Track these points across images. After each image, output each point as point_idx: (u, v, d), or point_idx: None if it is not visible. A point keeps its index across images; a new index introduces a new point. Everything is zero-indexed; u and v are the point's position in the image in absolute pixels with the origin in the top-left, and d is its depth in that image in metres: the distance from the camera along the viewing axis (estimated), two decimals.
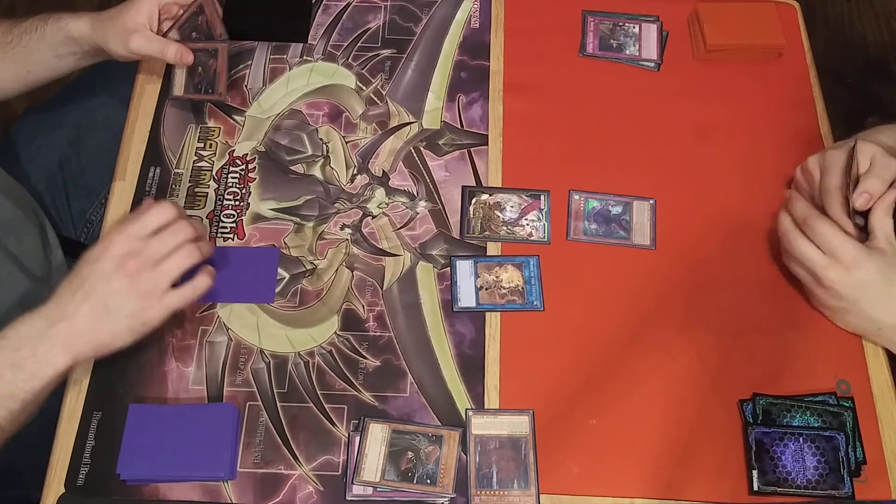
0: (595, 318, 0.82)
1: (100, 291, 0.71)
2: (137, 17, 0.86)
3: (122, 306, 0.71)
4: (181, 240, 0.74)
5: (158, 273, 0.72)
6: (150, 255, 0.72)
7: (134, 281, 0.71)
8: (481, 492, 0.73)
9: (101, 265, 0.71)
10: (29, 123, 1.05)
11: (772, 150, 0.91)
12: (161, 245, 0.73)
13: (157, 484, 0.73)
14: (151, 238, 0.73)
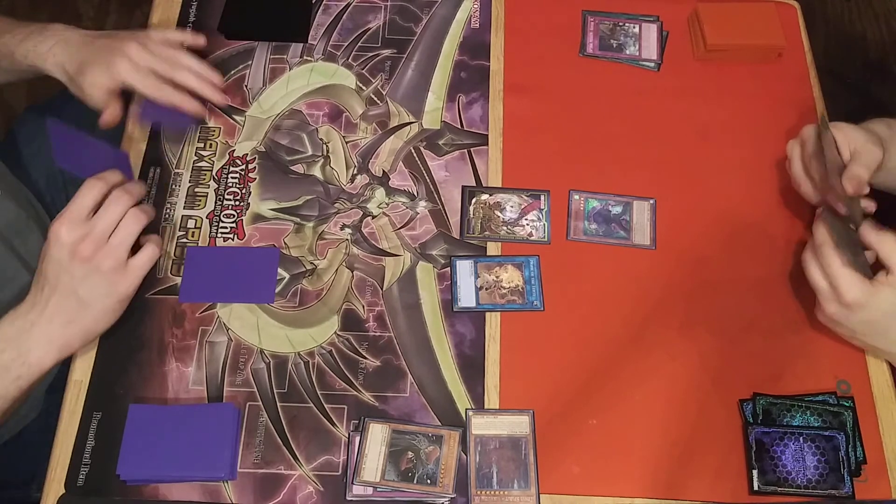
0: (595, 318, 0.82)
1: (64, 282, 0.71)
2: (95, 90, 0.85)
3: (91, 290, 0.72)
4: (122, 209, 0.74)
5: (113, 247, 0.73)
6: (98, 233, 0.72)
7: (93, 262, 0.72)
8: (481, 492, 0.73)
9: (56, 257, 0.71)
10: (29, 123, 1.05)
11: (772, 149, 0.91)
12: (105, 220, 0.73)
13: (157, 484, 0.73)
14: (95, 217, 0.73)
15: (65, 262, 0.71)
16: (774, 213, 0.88)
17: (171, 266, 0.83)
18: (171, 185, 0.88)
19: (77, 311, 0.72)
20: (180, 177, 0.89)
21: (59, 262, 0.71)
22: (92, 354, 0.79)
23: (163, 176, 0.89)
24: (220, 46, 0.97)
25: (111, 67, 0.84)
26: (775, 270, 0.85)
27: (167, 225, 0.86)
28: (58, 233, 0.71)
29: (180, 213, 0.87)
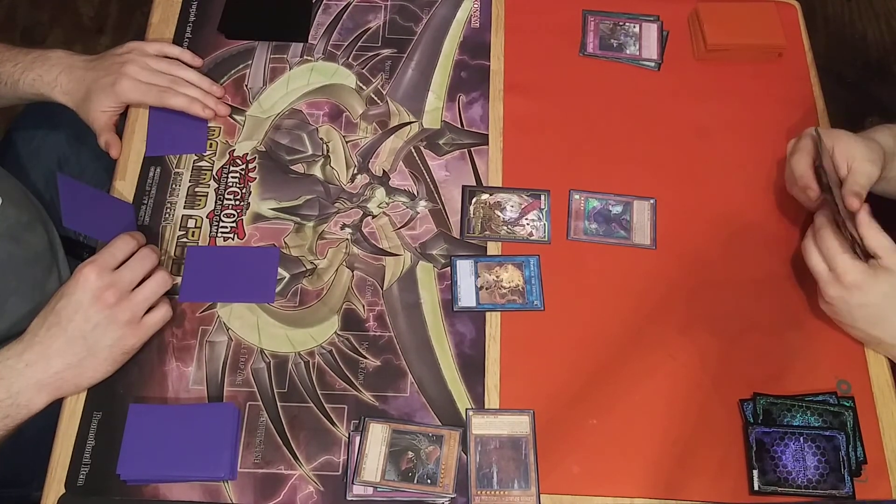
0: (595, 317, 0.82)
1: (77, 326, 0.72)
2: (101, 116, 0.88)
3: (100, 338, 0.72)
4: (148, 267, 0.77)
5: (135, 301, 0.74)
6: (124, 285, 0.74)
7: (113, 311, 0.73)
8: (482, 492, 0.73)
9: (78, 298, 0.72)
10: (28, 123, 1.05)
11: (772, 149, 0.91)
12: (132, 273, 0.75)
13: (158, 484, 0.73)
14: (122, 268, 0.75)
15: (84, 305, 0.72)
16: (774, 213, 0.88)
17: (171, 266, 0.83)
18: (171, 185, 0.88)
19: (80, 356, 0.72)
20: (180, 176, 0.89)
21: (79, 303, 0.72)
22: None
23: (163, 175, 0.89)
24: (221, 46, 0.97)
25: (115, 90, 0.87)
26: (775, 270, 0.85)
27: (167, 225, 0.86)
28: (87, 276, 0.72)
29: (180, 212, 0.87)
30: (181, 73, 0.91)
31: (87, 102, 0.87)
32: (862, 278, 0.73)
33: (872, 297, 0.74)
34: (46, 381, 0.71)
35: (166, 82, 0.89)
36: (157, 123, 0.91)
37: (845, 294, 0.74)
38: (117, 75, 0.87)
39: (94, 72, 0.89)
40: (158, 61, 0.90)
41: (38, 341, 0.71)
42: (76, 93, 0.88)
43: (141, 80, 0.88)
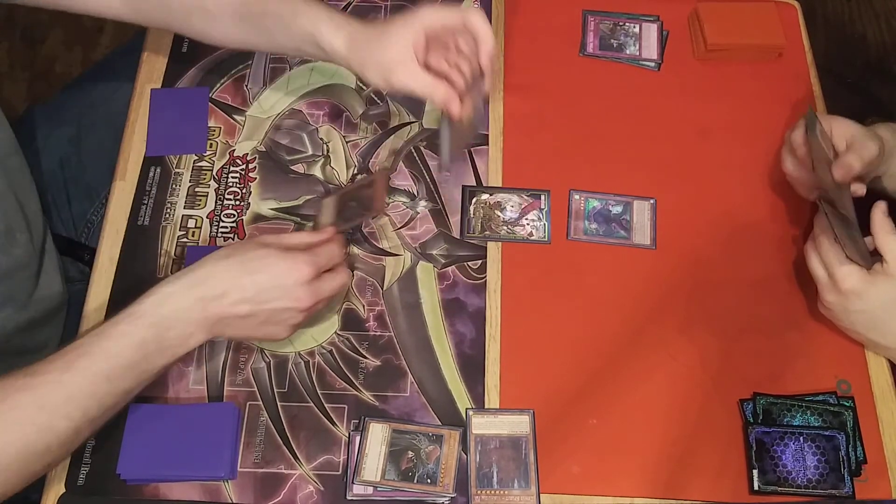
0: (595, 317, 0.82)
1: (268, 308, 0.70)
2: (399, 47, 0.74)
3: (274, 326, 0.72)
4: (339, 287, 0.74)
5: (311, 313, 0.73)
6: (320, 297, 0.72)
7: (299, 315, 0.72)
8: (482, 491, 0.73)
9: (286, 286, 0.70)
10: (29, 123, 1.05)
11: (772, 149, 0.91)
12: (328, 287, 0.73)
13: (158, 484, 0.73)
14: (325, 280, 0.73)
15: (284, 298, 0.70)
16: (774, 213, 0.88)
17: (171, 266, 0.83)
18: (171, 185, 0.88)
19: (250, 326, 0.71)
20: (181, 176, 0.89)
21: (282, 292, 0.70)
22: None
23: (163, 175, 0.89)
24: (221, 46, 0.96)
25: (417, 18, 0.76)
26: (775, 270, 0.85)
27: (167, 225, 0.86)
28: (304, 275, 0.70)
29: (180, 212, 0.87)
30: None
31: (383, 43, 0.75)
32: (860, 286, 0.73)
33: (870, 304, 0.73)
34: (216, 329, 0.70)
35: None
36: (157, 123, 0.91)
37: (843, 300, 0.74)
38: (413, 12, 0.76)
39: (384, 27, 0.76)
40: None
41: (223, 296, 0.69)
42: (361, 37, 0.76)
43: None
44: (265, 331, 0.72)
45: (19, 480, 0.63)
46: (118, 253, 0.84)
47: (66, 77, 1.00)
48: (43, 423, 0.63)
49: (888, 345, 0.76)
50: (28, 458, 0.63)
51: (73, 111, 1.04)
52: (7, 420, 0.62)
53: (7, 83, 1.77)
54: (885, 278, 0.72)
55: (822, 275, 0.76)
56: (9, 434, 0.62)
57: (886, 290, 0.72)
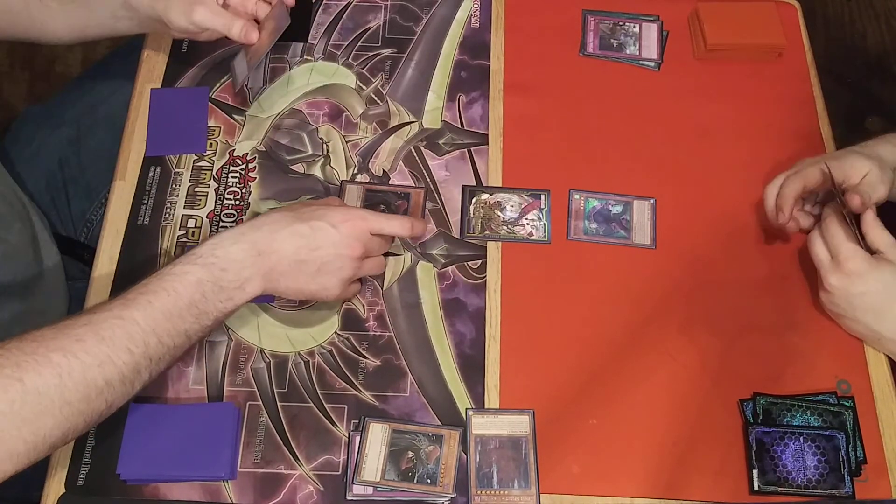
0: (595, 317, 0.82)
1: (322, 254, 0.72)
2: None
3: (327, 277, 0.73)
4: (384, 252, 0.79)
5: (361, 267, 0.76)
6: (370, 251, 0.76)
7: (351, 265, 0.74)
8: (481, 491, 0.73)
9: (340, 231, 0.73)
10: (29, 123, 1.05)
11: (772, 149, 0.91)
12: (378, 246, 0.77)
13: (158, 484, 0.73)
14: (378, 238, 0.76)
15: (335, 244, 0.72)
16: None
17: None
18: (171, 185, 0.88)
19: (303, 277, 0.73)
20: (180, 176, 0.89)
21: (332, 239, 0.72)
22: None
23: (163, 175, 0.89)
24: (221, 45, 0.96)
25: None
26: (775, 270, 0.85)
27: (167, 225, 0.86)
28: (361, 225, 0.74)
29: (180, 212, 0.86)
30: None
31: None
32: (864, 266, 0.73)
33: (873, 286, 0.74)
34: (271, 276, 0.71)
35: None
36: (157, 123, 0.91)
37: (846, 281, 0.75)
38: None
39: None
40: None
41: (277, 240, 0.71)
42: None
43: None
44: (318, 282, 0.73)
45: (81, 419, 0.63)
46: (118, 252, 0.84)
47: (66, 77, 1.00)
48: (103, 356, 0.63)
49: (888, 334, 0.76)
50: (88, 392, 0.62)
51: (73, 111, 1.04)
52: (69, 350, 0.62)
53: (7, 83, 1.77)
54: (888, 263, 0.73)
55: (825, 257, 0.76)
56: (71, 364, 0.62)
57: (889, 273, 0.73)
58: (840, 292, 0.76)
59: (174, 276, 0.68)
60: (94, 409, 0.64)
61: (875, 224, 0.75)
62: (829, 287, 0.76)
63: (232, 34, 0.83)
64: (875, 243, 0.74)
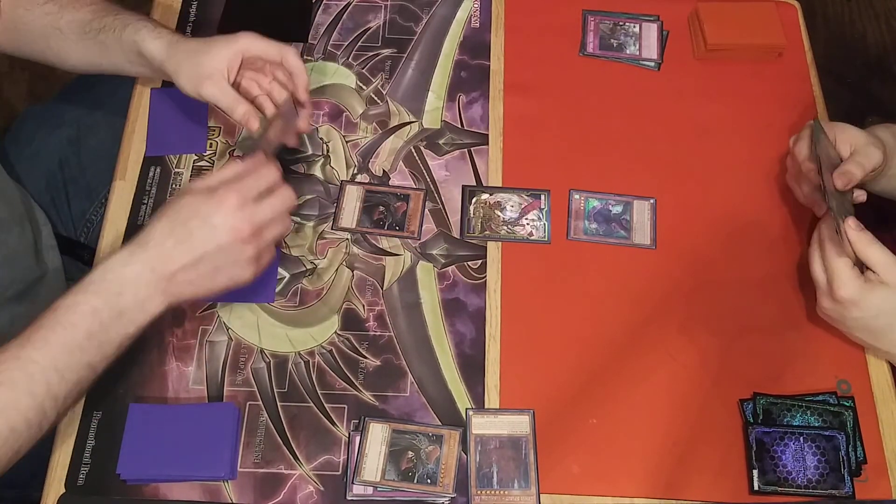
0: (595, 317, 0.82)
1: (210, 251, 0.69)
2: (215, 62, 0.81)
3: (224, 269, 0.70)
4: (285, 208, 0.73)
5: (263, 240, 0.71)
6: (259, 223, 0.70)
7: (243, 246, 0.69)
8: (482, 491, 0.73)
9: (215, 224, 0.68)
10: (29, 123, 1.05)
11: (772, 149, 0.91)
12: (268, 211, 0.71)
13: (158, 484, 0.73)
14: (263, 204, 0.71)
15: (220, 232, 0.68)
16: (775, 213, 0.88)
17: None
18: (171, 185, 0.88)
19: (201, 278, 0.69)
20: (180, 176, 0.89)
21: (215, 229, 0.68)
22: None
23: (163, 175, 0.89)
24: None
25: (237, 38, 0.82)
26: (776, 270, 0.85)
27: None
28: (230, 205, 0.69)
29: None
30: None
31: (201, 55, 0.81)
32: (857, 295, 0.72)
33: (867, 313, 0.73)
34: (171, 290, 0.69)
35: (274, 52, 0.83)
36: (157, 123, 0.91)
37: (840, 308, 0.74)
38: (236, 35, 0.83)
39: (203, 40, 0.83)
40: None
41: (164, 251, 0.68)
42: (182, 46, 0.82)
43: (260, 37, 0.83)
44: (226, 276, 0.70)
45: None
46: None
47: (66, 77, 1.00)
48: (5, 401, 0.62)
49: (887, 349, 0.76)
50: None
51: (73, 111, 1.04)
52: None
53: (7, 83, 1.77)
54: (882, 287, 0.72)
55: (821, 279, 0.75)
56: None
57: (883, 298, 0.72)
58: (834, 314, 0.75)
59: (68, 308, 0.66)
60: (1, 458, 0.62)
61: (863, 240, 0.72)
62: (824, 309, 0.76)
63: (235, 116, 0.82)
64: (868, 262, 0.72)
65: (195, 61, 0.81)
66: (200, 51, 0.82)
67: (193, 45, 0.82)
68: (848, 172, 0.75)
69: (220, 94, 0.81)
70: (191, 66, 0.81)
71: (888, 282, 0.71)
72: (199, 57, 0.81)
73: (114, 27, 0.84)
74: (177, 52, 0.82)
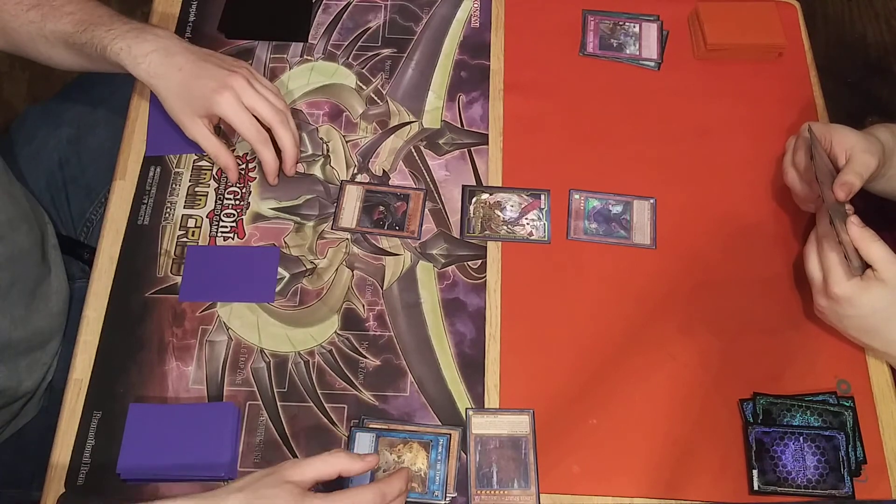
0: (595, 317, 0.82)
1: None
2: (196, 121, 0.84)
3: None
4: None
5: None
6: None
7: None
8: (481, 491, 0.73)
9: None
10: (29, 123, 1.05)
11: (772, 149, 0.91)
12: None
13: (158, 483, 0.73)
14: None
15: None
16: (775, 213, 0.88)
17: (171, 265, 0.83)
18: (171, 185, 0.88)
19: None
20: (180, 176, 0.89)
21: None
22: (92, 353, 0.79)
23: (163, 175, 0.89)
24: (221, 46, 0.96)
25: (213, 98, 0.81)
26: (775, 270, 0.85)
27: (167, 224, 0.86)
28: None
29: (180, 212, 0.87)
30: (288, 115, 0.86)
31: (179, 100, 0.82)
32: (852, 292, 0.72)
33: (861, 310, 0.73)
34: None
35: (270, 114, 0.83)
36: (157, 123, 0.91)
37: (835, 306, 0.74)
38: (220, 84, 0.81)
39: (195, 66, 0.82)
40: (265, 88, 0.85)
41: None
42: (166, 80, 0.82)
43: (243, 100, 0.82)
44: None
45: None
46: (118, 252, 0.84)
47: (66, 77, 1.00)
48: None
49: (884, 349, 0.76)
50: None
51: (73, 111, 1.04)
52: None
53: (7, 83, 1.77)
54: (878, 284, 0.71)
55: (817, 277, 0.75)
56: None
57: (879, 296, 0.72)
58: (830, 313, 0.76)
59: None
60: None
61: (865, 237, 0.72)
62: (820, 307, 0.76)
63: (218, 163, 0.87)
64: (868, 258, 0.72)
65: (185, 101, 0.83)
66: (193, 92, 0.82)
67: (190, 83, 0.82)
68: (848, 183, 0.75)
69: (204, 140, 0.84)
70: (181, 104, 0.83)
71: (885, 279, 0.71)
72: (189, 98, 0.82)
73: (94, 45, 0.83)
74: (169, 88, 0.82)
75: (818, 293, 0.75)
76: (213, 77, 0.82)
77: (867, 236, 0.72)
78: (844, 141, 0.78)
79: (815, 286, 0.76)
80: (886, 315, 0.73)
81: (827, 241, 0.74)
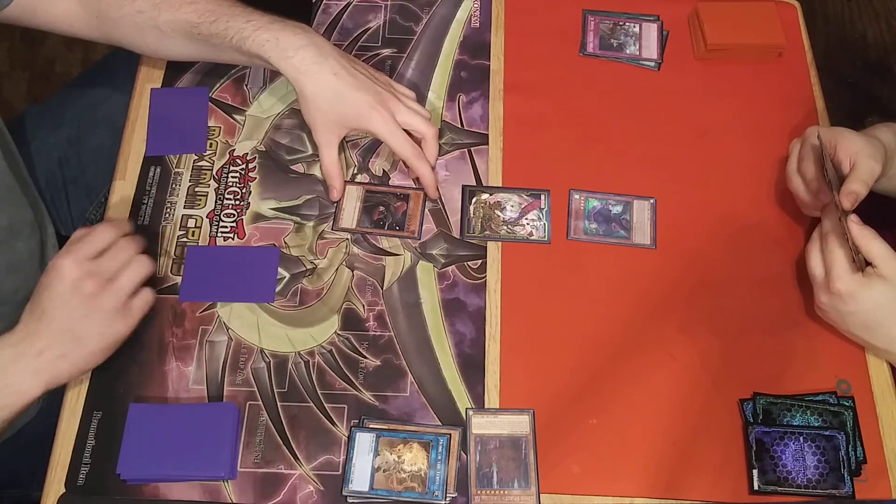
0: (595, 317, 0.82)
1: (63, 317, 0.71)
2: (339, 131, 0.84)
3: (88, 328, 0.72)
4: (128, 255, 0.75)
5: (116, 288, 0.73)
6: (103, 274, 0.73)
7: (95, 301, 0.72)
8: (481, 491, 0.73)
9: (57, 290, 0.71)
10: (29, 122, 1.05)
11: (772, 149, 0.91)
12: (111, 262, 0.74)
13: (158, 483, 0.73)
14: (100, 258, 0.73)
15: (65, 295, 0.71)
16: (775, 213, 0.88)
17: (171, 265, 0.83)
18: (171, 185, 0.88)
19: (71, 347, 0.71)
20: (180, 176, 0.89)
21: (60, 294, 0.71)
22: None
23: (163, 175, 0.89)
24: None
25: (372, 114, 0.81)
26: (776, 270, 0.85)
27: (167, 224, 0.86)
28: (61, 267, 0.71)
29: (180, 212, 0.87)
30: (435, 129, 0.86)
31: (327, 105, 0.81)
32: (853, 287, 0.72)
33: (864, 306, 0.73)
34: (41, 369, 0.70)
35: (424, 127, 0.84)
36: (157, 123, 0.91)
37: (836, 301, 0.74)
38: (377, 100, 0.81)
39: (349, 75, 0.81)
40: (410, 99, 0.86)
41: (29, 332, 0.71)
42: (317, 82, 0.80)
43: (397, 117, 0.82)
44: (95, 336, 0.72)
45: None
46: None
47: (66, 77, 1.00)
48: None
49: (885, 347, 0.76)
50: None
51: (73, 111, 1.04)
52: None
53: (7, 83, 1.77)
54: (879, 280, 0.72)
55: (818, 274, 0.76)
56: None
57: (880, 292, 0.72)
58: (831, 310, 0.76)
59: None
60: None
61: (865, 234, 0.72)
62: (821, 304, 0.76)
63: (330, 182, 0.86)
64: (868, 255, 0.72)
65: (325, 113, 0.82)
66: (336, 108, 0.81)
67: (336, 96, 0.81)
68: (854, 192, 0.75)
69: (326, 161, 0.85)
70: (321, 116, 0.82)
71: (885, 275, 0.71)
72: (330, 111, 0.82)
73: (228, 35, 0.81)
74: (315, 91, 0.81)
75: (820, 289, 0.75)
76: (368, 91, 0.81)
77: (867, 234, 0.72)
78: (850, 146, 0.78)
79: (817, 282, 0.76)
80: (888, 310, 0.73)
81: (833, 237, 0.74)
